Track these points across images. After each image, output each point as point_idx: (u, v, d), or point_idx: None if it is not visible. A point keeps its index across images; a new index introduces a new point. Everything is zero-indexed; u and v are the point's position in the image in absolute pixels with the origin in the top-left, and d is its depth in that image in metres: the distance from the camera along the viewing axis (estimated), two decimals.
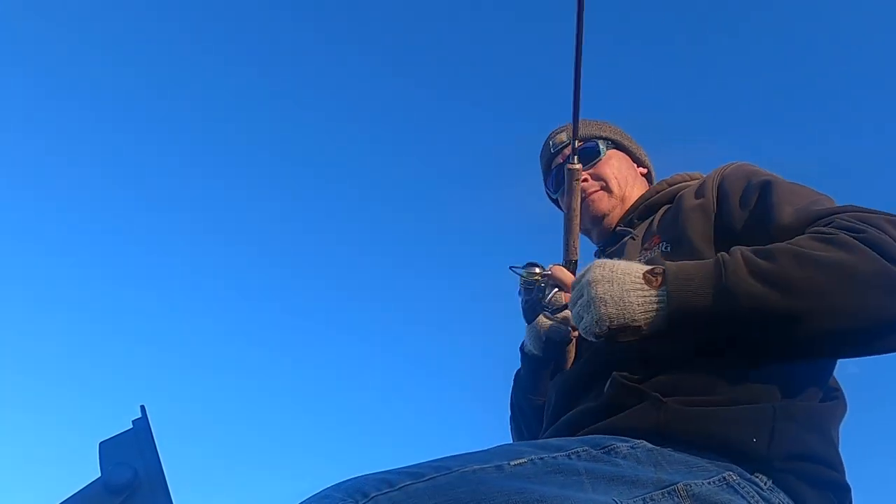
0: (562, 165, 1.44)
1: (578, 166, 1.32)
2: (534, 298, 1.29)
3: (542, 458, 0.85)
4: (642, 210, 1.38)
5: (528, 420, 1.40)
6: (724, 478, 0.90)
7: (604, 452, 0.90)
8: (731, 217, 1.15)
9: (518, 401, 1.43)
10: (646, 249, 1.25)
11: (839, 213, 1.02)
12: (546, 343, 1.28)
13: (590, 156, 1.44)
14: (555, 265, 1.29)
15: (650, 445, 0.94)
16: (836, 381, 1.11)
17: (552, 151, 1.52)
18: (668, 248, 1.19)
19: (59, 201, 6.89)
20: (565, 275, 1.26)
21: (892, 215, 1.01)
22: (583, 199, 1.38)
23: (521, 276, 1.29)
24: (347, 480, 0.77)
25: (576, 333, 1.25)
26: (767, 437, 0.94)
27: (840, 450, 1.04)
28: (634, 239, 1.32)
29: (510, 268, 1.31)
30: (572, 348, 1.28)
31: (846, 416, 1.09)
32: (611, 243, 1.40)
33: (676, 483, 0.86)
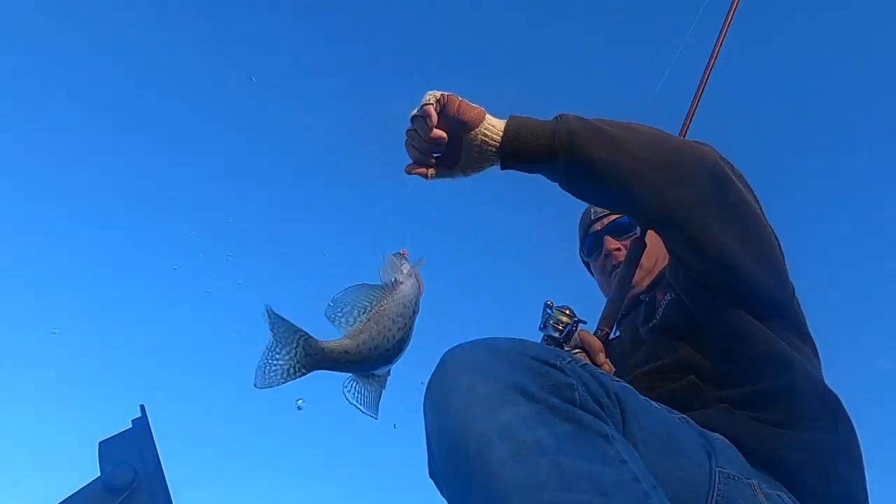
0: (598, 233, 1.55)
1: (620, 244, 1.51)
2: (556, 340, 1.30)
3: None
4: (661, 280, 1.47)
5: None
6: (779, 495, 1.00)
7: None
8: None
9: None
10: (659, 305, 1.37)
11: None
12: None
13: (626, 229, 1.54)
14: (584, 331, 1.32)
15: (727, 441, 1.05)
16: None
17: (592, 218, 1.59)
18: (673, 297, 1.31)
19: (57, 202, 6.89)
20: (593, 341, 1.28)
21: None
22: (614, 267, 1.49)
23: (552, 314, 1.31)
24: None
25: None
26: (826, 474, 1.04)
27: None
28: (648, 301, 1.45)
29: (545, 304, 1.33)
30: None
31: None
32: (633, 309, 1.49)
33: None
